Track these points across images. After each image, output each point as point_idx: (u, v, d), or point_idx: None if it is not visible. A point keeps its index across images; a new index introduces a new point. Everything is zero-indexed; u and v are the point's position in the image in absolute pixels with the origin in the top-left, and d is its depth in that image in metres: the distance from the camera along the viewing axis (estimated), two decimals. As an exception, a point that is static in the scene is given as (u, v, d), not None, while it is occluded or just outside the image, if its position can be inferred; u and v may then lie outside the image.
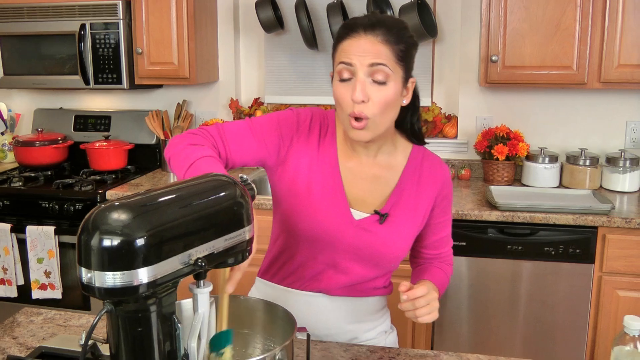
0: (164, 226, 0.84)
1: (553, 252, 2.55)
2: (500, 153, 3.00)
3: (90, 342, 1.29)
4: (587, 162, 2.95)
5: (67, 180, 3.03)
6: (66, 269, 2.94)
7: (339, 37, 1.32)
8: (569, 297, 2.58)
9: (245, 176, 1.03)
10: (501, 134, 3.07)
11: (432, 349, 2.73)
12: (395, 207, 1.41)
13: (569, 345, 2.62)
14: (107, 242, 0.80)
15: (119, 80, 3.08)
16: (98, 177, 3.09)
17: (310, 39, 3.20)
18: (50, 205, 2.90)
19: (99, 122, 3.49)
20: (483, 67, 2.85)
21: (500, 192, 2.77)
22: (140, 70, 3.12)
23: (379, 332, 1.53)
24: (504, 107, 3.20)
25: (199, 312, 0.98)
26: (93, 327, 0.83)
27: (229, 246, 0.95)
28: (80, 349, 1.29)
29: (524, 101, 3.17)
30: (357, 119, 1.29)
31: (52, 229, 2.86)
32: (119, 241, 0.80)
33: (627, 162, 2.90)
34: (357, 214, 1.40)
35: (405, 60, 1.30)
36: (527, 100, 3.17)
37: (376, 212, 1.39)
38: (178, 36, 3.06)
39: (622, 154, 2.93)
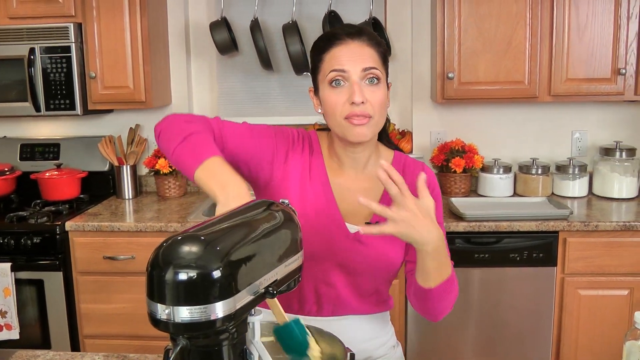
0: (235, 256, 0.83)
1: (518, 258, 2.66)
2: (458, 166, 3.11)
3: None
4: (539, 171, 3.10)
5: (20, 213, 2.89)
6: (23, 307, 2.80)
7: (322, 48, 1.36)
8: (534, 299, 2.69)
9: (286, 200, 1.03)
10: (457, 148, 3.18)
11: (405, 356, 2.78)
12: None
13: (536, 346, 2.73)
14: (183, 276, 0.79)
15: (72, 106, 2.98)
16: (53, 208, 2.97)
17: (267, 60, 3.22)
18: (5, 240, 2.76)
19: (47, 150, 3.36)
20: (439, 84, 2.95)
21: (462, 204, 2.86)
22: (94, 94, 3.03)
23: (388, 347, 1.54)
24: (456, 121, 3.32)
25: (256, 340, 0.98)
26: (171, 362, 0.81)
27: (288, 272, 0.95)
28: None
29: (476, 115, 3.30)
30: (356, 117, 1.30)
31: (7, 265, 2.73)
32: (196, 274, 0.79)
33: (576, 169, 3.07)
34: (352, 228, 1.41)
35: (386, 63, 1.38)
36: (479, 114, 3.30)
37: (367, 224, 1.40)
38: (133, 59, 3.00)
39: (571, 162, 3.10)
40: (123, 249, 2.76)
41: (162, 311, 0.80)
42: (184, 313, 0.79)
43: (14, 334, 2.81)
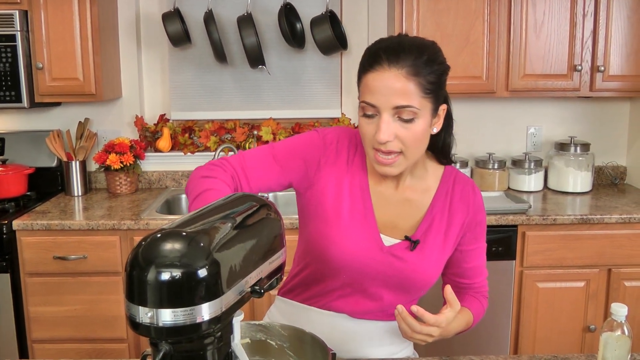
0: (220, 252, 0.78)
1: (478, 253, 2.67)
2: (416, 160, 3.10)
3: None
4: (496, 166, 3.13)
5: (-38, 211, 2.74)
6: (-33, 309, 2.65)
7: (362, 67, 1.24)
8: (493, 293, 2.68)
9: (266, 194, 0.98)
10: (414, 142, 3.17)
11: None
12: (427, 233, 1.35)
13: (494, 339, 2.75)
14: (166, 276, 0.73)
15: (18, 98, 2.83)
16: (-1, 206, 2.82)
17: (221, 53, 3.14)
18: (-53, 240, 2.60)
19: (-10, 145, 3.19)
20: (398, 78, 2.93)
21: (423, 198, 2.85)
22: (41, 86, 2.89)
23: (402, 355, 1.48)
24: (413, 115, 3.31)
25: (235, 342, 0.92)
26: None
27: (272, 269, 0.90)
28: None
29: (433, 109, 3.30)
30: (382, 153, 1.23)
31: (-51, 266, 2.57)
32: (180, 273, 0.73)
33: (532, 164, 3.11)
34: (387, 240, 1.34)
35: (435, 91, 1.21)
36: (436, 109, 3.30)
37: (407, 238, 1.34)
38: (82, 50, 2.87)
39: (526, 156, 3.14)
40: (74, 249, 2.64)
41: (144, 314, 0.74)
42: (168, 316, 0.73)
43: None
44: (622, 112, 3.34)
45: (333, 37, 3.04)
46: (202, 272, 0.74)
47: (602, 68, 2.89)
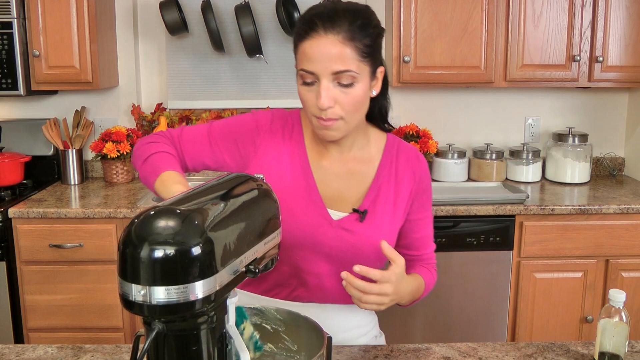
0: (215, 231, 0.77)
1: (475, 242, 2.67)
2: (414, 150, 3.09)
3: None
4: (493, 156, 3.13)
5: (-42, 199, 2.72)
6: (-37, 297, 2.64)
7: (298, 35, 1.23)
8: (490, 283, 2.71)
9: (261, 175, 0.97)
10: (411, 132, 3.17)
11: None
12: (375, 203, 1.35)
13: (491, 329, 2.75)
14: (159, 253, 0.72)
15: (14, 86, 2.82)
16: (-7, 194, 2.81)
17: (219, 42, 3.12)
18: (-58, 227, 2.59)
19: (-14, 133, 3.17)
20: (395, 68, 2.92)
21: (420, 188, 2.84)
22: (37, 74, 2.87)
23: (370, 337, 1.48)
24: (410, 106, 3.31)
25: (230, 324, 0.92)
26: (145, 351, 0.74)
27: (267, 250, 0.89)
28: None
29: (430, 100, 3.30)
30: (323, 120, 1.24)
31: (-56, 253, 2.56)
32: (174, 250, 0.73)
33: (530, 155, 3.11)
34: (335, 214, 1.33)
35: (372, 54, 1.23)
36: (433, 100, 3.29)
37: (355, 211, 1.34)
38: (79, 38, 2.86)
39: (524, 147, 3.13)
40: (70, 237, 2.63)
41: (137, 292, 0.73)
42: (161, 294, 0.72)
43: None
44: (621, 103, 3.33)
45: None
46: (196, 250, 0.73)
47: (601, 58, 2.88)
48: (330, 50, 1.18)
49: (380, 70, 1.28)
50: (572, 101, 3.32)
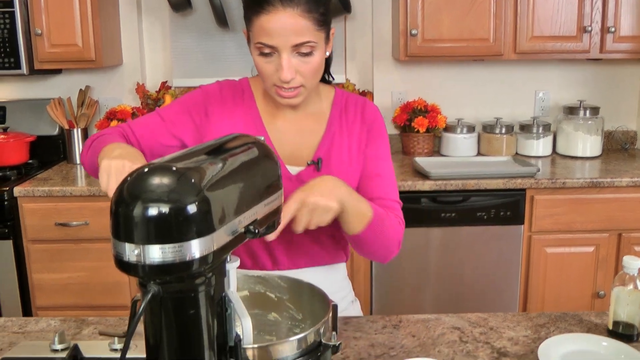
0: (212, 190, 0.74)
1: (485, 217, 2.63)
2: (421, 125, 3.05)
3: (56, 347, 1.15)
4: (503, 131, 3.07)
5: (-36, 179, 2.71)
6: (-30, 276, 2.64)
7: (252, 8, 1.21)
8: (501, 258, 2.68)
9: (262, 137, 0.94)
10: (419, 107, 3.12)
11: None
12: (329, 152, 1.36)
13: (502, 304, 2.72)
14: (153, 210, 0.69)
15: (17, 65, 2.79)
16: (0, 174, 2.79)
17: (223, 18, 3.07)
18: (-52, 207, 2.58)
19: (-9, 114, 3.16)
20: (403, 41, 2.87)
21: (427, 163, 2.81)
22: (40, 53, 2.84)
23: (347, 302, 1.49)
24: (418, 81, 3.25)
25: (231, 290, 0.89)
26: (139, 315, 0.71)
27: (268, 212, 0.86)
28: (53, 354, 1.14)
29: (438, 74, 3.24)
30: (284, 90, 1.26)
31: (-49, 233, 2.56)
32: (168, 208, 0.69)
33: (540, 129, 3.06)
34: (293, 169, 1.35)
35: (327, 21, 1.26)
36: (441, 74, 3.24)
37: (311, 162, 1.35)
38: (82, 15, 2.82)
39: (534, 121, 3.08)
40: (76, 215, 2.61)
41: (131, 252, 0.70)
42: (156, 253, 0.69)
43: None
44: (633, 75, 3.26)
45: (337, 1, 2.96)
46: (192, 208, 0.70)
47: (613, 29, 2.81)
48: (290, 24, 1.19)
49: (332, 32, 1.31)
50: (583, 73, 3.25)
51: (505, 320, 1.30)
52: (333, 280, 1.43)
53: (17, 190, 2.61)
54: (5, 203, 2.59)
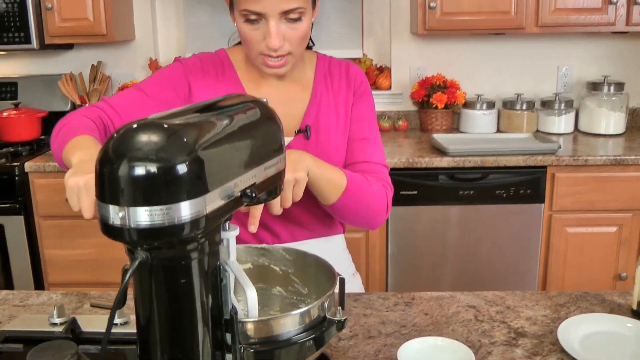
0: (205, 149, 0.68)
1: (504, 195, 2.55)
2: (439, 101, 2.97)
3: (55, 321, 1.11)
4: (524, 107, 2.98)
5: (-25, 154, 2.69)
6: (-18, 252, 2.63)
7: None
8: (520, 237, 2.60)
9: (265, 99, 0.88)
10: (438, 83, 3.04)
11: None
12: (317, 119, 1.32)
13: (521, 285, 2.65)
14: (140, 170, 0.64)
15: (27, 40, 2.75)
16: (11, 149, 2.76)
17: (236, -9, 3.00)
18: (-41, 182, 2.56)
19: (4, 89, 3.13)
20: (421, 14, 2.78)
21: (445, 139, 2.73)
22: (50, 27, 2.80)
23: (348, 275, 1.45)
24: (437, 56, 3.17)
25: (231, 260, 0.83)
26: (126, 284, 0.66)
27: (269, 176, 0.80)
28: (52, 328, 1.10)
29: (457, 49, 3.15)
30: (272, 58, 1.21)
31: (-38, 208, 2.54)
32: (156, 167, 0.64)
33: (562, 105, 2.96)
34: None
35: None
36: (460, 49, 3.15)
37: (298, 131, 1.30)
38: (92, -12, 2.77)
39: (557, 97, 2.98)
40: (87, 191, 2.58)
41: (115, 214, 0.65)
42: (143, 215, 0.64)
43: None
44: (661, 50, 3.14)
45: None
46: (182, 168, 0.65)
47: (640, 0, 2.69)
48: None
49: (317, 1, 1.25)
50: (607, 48, 3.13)
51: (524, 299, 1.23)
52: (331, 253, 1.36)
53: (28, 166, 2.58)
54: (17, 178, 2.57)
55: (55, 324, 1.12)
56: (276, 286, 1.05)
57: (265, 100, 0.89)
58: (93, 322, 1.13)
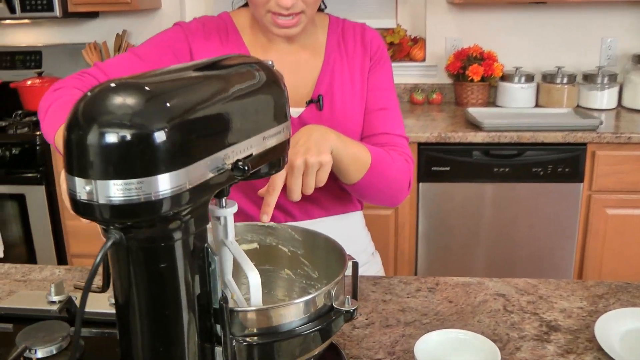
0: (190, 115, 0.59)
1: (541, 173, 2.42)
2: (476, 74, 2.83)
3: (53, 299, 1.05)
4: (564, 81, 2.82)
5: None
6: (6, 223, 2.61)
7: None
8: (557, 218, 2.47)
9: (270, 61, 0.78)
10: (474, 55, 2.90)
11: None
12: (330, 87, 1.21)
13: (556, 268, 2.52)
14: (111, 137, 0.55)
15: (50, 7, 2.69)
16: (34, 118, 2.73)
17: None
18: (-18, 151, 2.54)
19: (28, 58, 3.09)
20: (457, -19, 2.63)
21: (480, 113, 2.59)
22: (74, -6, 2.74)
23: (368, 255, 1.35)
24: (474, 27, 3.01)
25: (229, 240, 0.75)
26: (96, 267, 0.58)
27: (269, 147, 0.71)
28: (48, 306, 1.04)
29: (495, 20, 2.99)
30: (282, 17, 1.11)
31: (-15, 178, 2.52)
32: (130, 134, 0.55)
33: (605, 79, 2.79)
34: (294, 111, 1.19)
35: None
36: (499, 18, 2.99)
37: (310, 102, 1.20)
38: (116, -47, 2.69)
39: (600, 70, 2.81)
40: (108, 162, 2.53)
41: (82, 188, 0.56)
42: (113, 190, 0.55)
43: (-3, 253, 2.64)
44: None
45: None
46: (160, 136, 0.55)
47: (696, -35, 2.50)
48: None
49: None
50: (658, 18, 2.94)
51: (558, 288, 1.12)
52: (349, 231, 1.29)
53: (50, 136, 2.53)
54: (38, 148, 2.53)
55: (53, 302, 1.06)
56: (284, 268, 0.96)
57: (270, 62, 0.79)
58: (91, 301, 1.06)
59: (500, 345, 0.91)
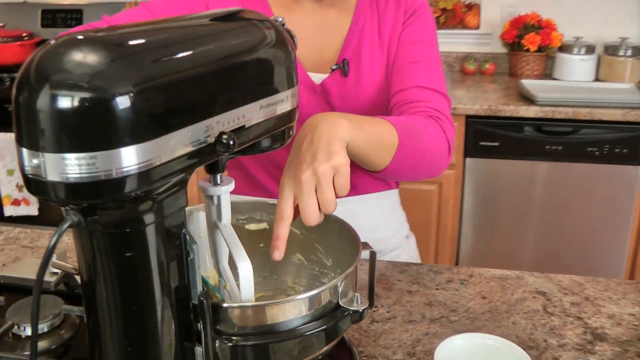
0: (163, 77, 0.49)
1: (597, 153, 2.25)
2: (532, 43, 2.65)
3: (54, 270, 0.98)
4: (629, 53, 2.61)
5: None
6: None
7: None
8: (611, 204, 2.30)
9: (280, 18, 0.67)
10: (532, 23, 2.71)
11: (457, 263, 2.47)
12: (358, 51, 1.08)
13: (607, 258, 2.36)
14: (65, 102, 0.45)
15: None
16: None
17: None
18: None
19: (69, 17, 3.06)
20: (516, -59, 2.44)
21: (535, 86, 2.41)
22: (113, -51, 2.67)
23: (401, 237, 1.24)
24: (532, -8, 2.81)
25: (223, 223, 0.65)
26: (50, 251, 0.49)
27: (266, 118, 0.60)
28: (49, 277, 0.97)
29: (557, -16, 2.78)
30: None
31: (21, 136, 2.50)
32: (88, 99, 0.45)
33: (676, 52, 2.56)
34: (317, 77, 1.08)
35: None
36: (561, -17, 2.78)
37: (336, 67, 1.07)
38: None
39: (670, 42, 2.58)
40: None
41: (30, 162, 0.47)
42: (64, 165, 0.46)
43: (32, 210, 2.65)
44: None
45: None
46: (123, 102, 0.46)
47: None
48: None
49: None
50: None
51: (607, 288, 0.99)
52: (382, 211, 1.18)
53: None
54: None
55: (55, 273, 0.99)
56: (296, 253, 0.86)
57: (281, 19, 0.68)
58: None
59: (536, 354, 0.80)
